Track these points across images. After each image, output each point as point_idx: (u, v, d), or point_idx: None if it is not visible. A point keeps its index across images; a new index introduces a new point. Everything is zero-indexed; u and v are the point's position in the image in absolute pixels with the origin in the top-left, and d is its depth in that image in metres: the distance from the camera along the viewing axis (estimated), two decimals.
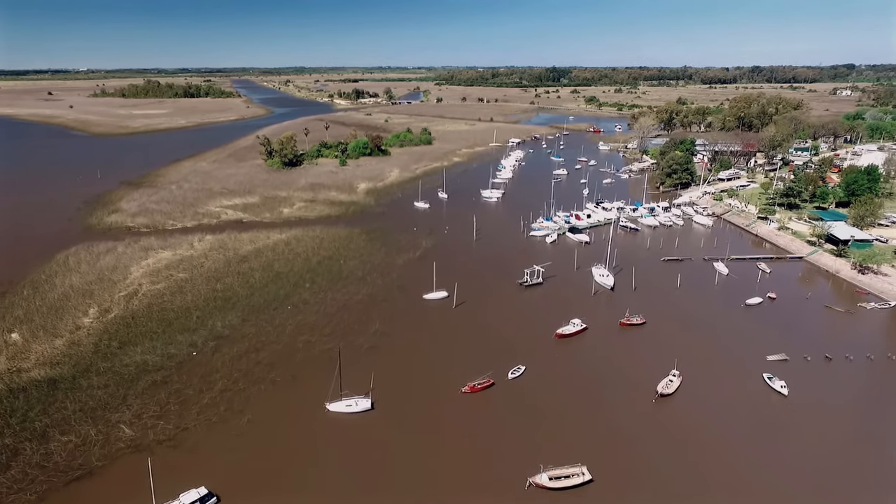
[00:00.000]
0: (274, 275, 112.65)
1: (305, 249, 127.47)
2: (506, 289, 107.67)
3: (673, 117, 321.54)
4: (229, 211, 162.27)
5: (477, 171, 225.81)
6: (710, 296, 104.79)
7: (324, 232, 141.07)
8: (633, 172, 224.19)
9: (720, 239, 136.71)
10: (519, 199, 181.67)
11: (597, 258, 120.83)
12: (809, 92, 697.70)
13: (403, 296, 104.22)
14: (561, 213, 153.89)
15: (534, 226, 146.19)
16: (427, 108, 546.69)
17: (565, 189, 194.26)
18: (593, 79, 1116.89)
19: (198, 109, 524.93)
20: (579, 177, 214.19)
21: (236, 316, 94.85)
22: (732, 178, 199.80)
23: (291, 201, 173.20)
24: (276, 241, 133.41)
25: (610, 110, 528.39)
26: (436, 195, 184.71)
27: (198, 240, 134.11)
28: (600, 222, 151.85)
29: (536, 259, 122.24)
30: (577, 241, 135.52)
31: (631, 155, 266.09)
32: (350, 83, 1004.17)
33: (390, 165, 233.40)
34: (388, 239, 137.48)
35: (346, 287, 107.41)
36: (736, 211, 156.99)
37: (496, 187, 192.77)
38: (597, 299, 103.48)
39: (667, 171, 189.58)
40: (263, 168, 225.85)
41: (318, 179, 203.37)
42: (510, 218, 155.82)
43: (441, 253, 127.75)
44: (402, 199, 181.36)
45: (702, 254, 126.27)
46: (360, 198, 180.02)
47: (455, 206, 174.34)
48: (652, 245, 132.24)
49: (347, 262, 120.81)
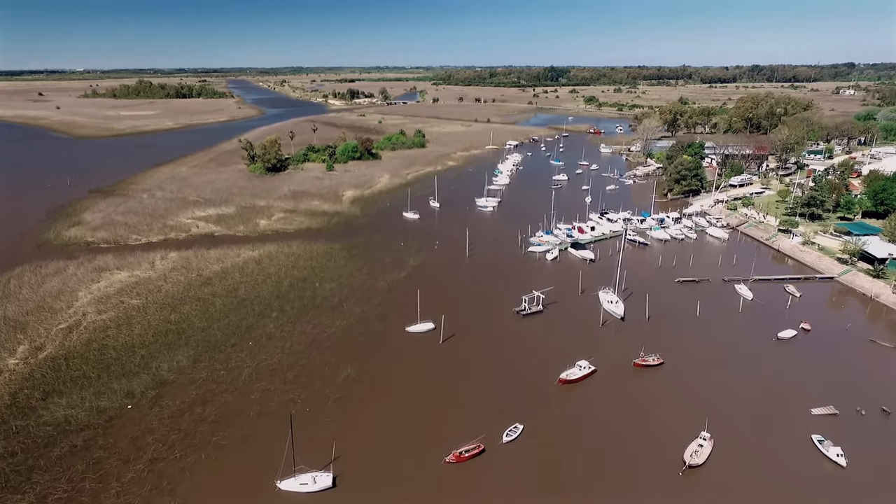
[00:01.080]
0: (238, 302, 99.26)
1: (278, 269, 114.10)
2: (501, 318, 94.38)
3: (677, 118, 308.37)
4: (201, 223, 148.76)
5: (472, 177, 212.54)
6: (736, 327, 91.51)
7: (301, 248, 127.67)
8: (638, 177, 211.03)
9: (738, 255, 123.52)
10: (516, 208, 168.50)
11: (603, 279, 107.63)
12: (812, 91, 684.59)
13: (383, 328, 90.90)
14: (562, 226, 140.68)
15: (532, 240, 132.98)
16: (423, 108, 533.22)
17: (566, 196, 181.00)
18: (592, 78, 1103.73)
19: (188, 110, 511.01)
20: (580, 182, 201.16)
21: (187, 355, 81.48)
22: (745, 184, 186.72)
23: (270, 212, 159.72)
24: (247, 259, 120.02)
25: (610, 110, 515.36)
26: (427, 204, 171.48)
27: (160, 258, 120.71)
28: (605, 235, 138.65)
29: (535, 280, 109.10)
30: (581, 259, 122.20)
31: (634, 158, 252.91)
32: (346, 83, 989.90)
33: (380, 170, 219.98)
34: (372, 256, 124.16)
35: (319, 317, 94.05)
36: (753, 222, 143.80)
37: (492, 195, 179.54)
38: (605, 332, 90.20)
39: (675, 177, 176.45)
40: (245, 174, 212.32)
41: (301, 186, 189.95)
42: (507, 230, 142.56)
43: (429, 273, 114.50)
44: (390, 208, 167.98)
45: (720, 273, 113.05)
46: (345, 207, 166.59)
47: (447, 216, 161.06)
48: (664, 263, 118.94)
49: (323, 284, 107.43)
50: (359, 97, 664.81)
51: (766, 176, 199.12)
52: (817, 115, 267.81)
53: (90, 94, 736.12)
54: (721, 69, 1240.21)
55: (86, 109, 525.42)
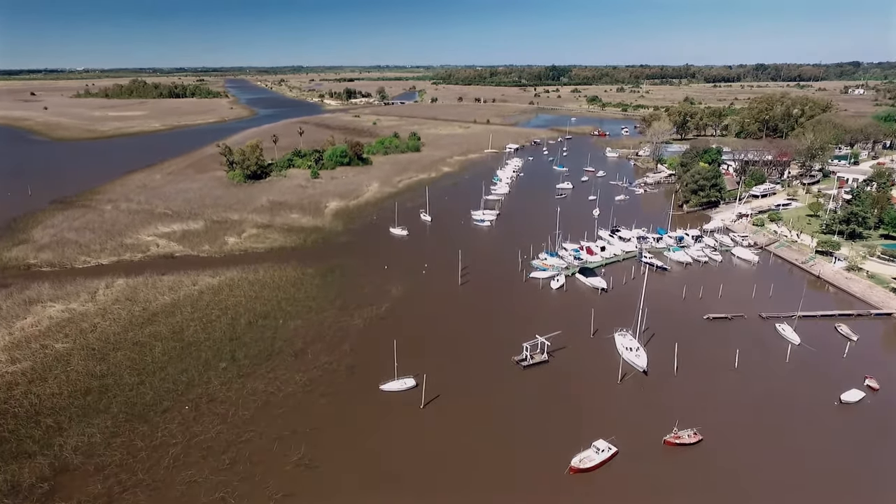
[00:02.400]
0: (182, 347, 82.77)
1: (237, 302, 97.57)
2: (498, 370, 77.79)
3: (687, 120, 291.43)
4: (162, 241, 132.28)
5: (469, 185, 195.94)
6: (785, 385, 74.71)
7: (269, 273, 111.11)
8: (649, 186, 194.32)
9: (773, 283, 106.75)
10: (517, 222, 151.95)
11: (619, 315, 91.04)
12: (820, 91, 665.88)
13: (352, 385, 74.35)
14: (568, 246, 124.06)
15: (535, 263, 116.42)
16: (421, 108, 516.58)
17: (571, 208, 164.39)
18: (594, 77, 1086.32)
19: (178, 111, 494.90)
20: (586, 191, 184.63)
21: (104, 426, 65.03)
22: (767, 195, 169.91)
23: (242, 227, 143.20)
24: (204, 288, 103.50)
25: (614, 111, 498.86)
26: (417, 217, 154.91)
27: (105, 286, 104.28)
28: (617, 257, 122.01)
29: (539, 316, 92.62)
30: (591, 287, 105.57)
31: (643, 163, 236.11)
32: (345, 83, 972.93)
33: (369, 177, 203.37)
34: (349, 283, 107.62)
35: (276, 368, 77.55)
36: (785, 241, 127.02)
37: (490, 206, 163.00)
38: (626, 391, 73.55)
39: (692, 187, 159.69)
40: (223, 182, 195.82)
41: (281, 196, 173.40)
42: (505, 250, 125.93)
43: (414, 307, 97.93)
44: (376, 222, 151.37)
45: (756, 307, 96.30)
46: (326, 222, 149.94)
47: (440, 232, 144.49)
48: (689, 294, 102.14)
49: (287, 322, 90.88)
50: (355, 97, 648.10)
51: (790, 185, 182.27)
52: (837, 117, 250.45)
53: (83, 94, 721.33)
54: (725, 68, 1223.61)
55: (74, 110, 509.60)
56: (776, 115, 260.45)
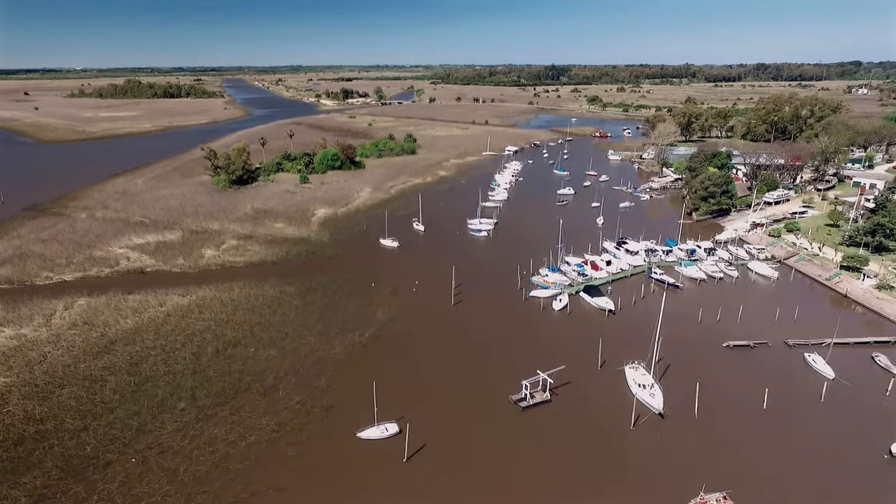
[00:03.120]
0: (138, 383, 73.32)
1: (206, 327, 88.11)
2: (493, 412, 68.37)
3: (691, 121, 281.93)
4: (134, 254, 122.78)
5: (465, 190, 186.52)
6: (823, 431, 65.32)
7: (245, 291, 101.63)
8: (655, 192, 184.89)
9: (797, 303, 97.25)
10: (515, 232, 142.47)
11: (629, 344, 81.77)
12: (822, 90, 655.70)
13: (327, 430, 64.92)
14: (571, 260, 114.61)
15: (535, 280, 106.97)
16: (418, 109, 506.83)
17: (573, 216, 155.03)
18: (594, 77, 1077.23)
19: (171, 111, 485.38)
20: (589, 197, 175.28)
21: (30, 489, 55.67)
22: (781, 201, 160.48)
23: (221, 238, 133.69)
24: (172, 309, 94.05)
25: (615, 111, 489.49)
26: (410, 226, 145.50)
27: (64, 307, 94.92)
28: (625, 272, 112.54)
29: (540, 343, 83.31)
30: (597, 309, 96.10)
31: (648, 167, 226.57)
32: (343, 82, 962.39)
33: (361, 182, 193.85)
34: (332, 304, 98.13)
35: (241, 410, 68.11)
36: (805, 255, 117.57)
37: (487, 214, 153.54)
38: (640, 439, 64.09)
39: (701, 194, 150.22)
40: (207, 187, 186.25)
41: (266, 204, 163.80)
42: (503, 264, 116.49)
43: (401, 333, 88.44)
44: (366, 232, 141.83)
45: (780, 333, 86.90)
46: (313, 232, 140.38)
47: (433, 243, 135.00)
48: (705, 316, 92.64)
49: (259, 352, 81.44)
50: (352, 97, 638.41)
51: (804, 190, 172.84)
52: (848, 119, 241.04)
53: (77, 94, 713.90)
54: (725, 67, 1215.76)
55: (65, 110, 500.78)
56: (785, 117, 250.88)
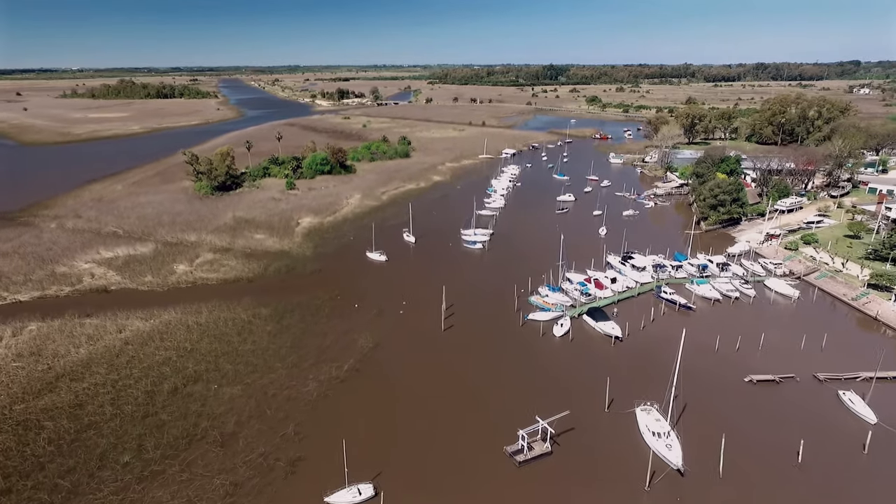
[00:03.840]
0: (78, 430, 64.00)
1: (165, 359, 78.77)
2: (485, 468, 59.08)
3: (695, 123, 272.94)
4: (99, 270, 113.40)
5: (460, 197, 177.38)
6: (870, 491, 56.15)
7: (215, 314, 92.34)
8: (659, 198, 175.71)
9: (823, 327, 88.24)
10: (513, 244, 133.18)
11: (640, 379, 72.73)
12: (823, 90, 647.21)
13: (290, 491, 55.63)
14: (573, 276, 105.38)
15: (533, 300, 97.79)
16: (414, 109, 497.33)
17: (575, 225, 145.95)
18: (592, 77, 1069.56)
19: (162, 112, 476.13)
20: (590, 204, 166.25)
21: None
22: (794, 209, 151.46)
23: (196, 251, 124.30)
24: (131, 336, 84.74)
25: (615, 112, 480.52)
26: (400, 237, 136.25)
27: (12, 333, 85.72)
28: (631, 291, 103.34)
29: (538, 379, 74.18)
30: (603, 335, 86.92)
31: (651, 171, 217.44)
32: (340, 82, 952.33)
33: (351, 188, 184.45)
34: (309, 330, 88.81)
35: (194, 464, 58.78)
36: (827, 271, 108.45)
37: (483, 224, 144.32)
38: (657, 501, 54.83)
39: (710, 202, 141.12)
40: (188, 194, 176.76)
41: (249, 212, 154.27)
42: (499, 281, 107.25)
43: (383, 365, 79.17)
44: (353, 244, 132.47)
45: (807, 364, 77.82)
46: (295, 244, 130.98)
47: (424, 257, 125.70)
48: (723, 345, 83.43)
49: (223, 389, 72.14)
50: (348, 97, 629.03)
51: (816, 197, 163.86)
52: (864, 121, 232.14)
53: (69, 94, 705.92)
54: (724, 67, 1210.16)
55: (54, 111, 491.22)
56: (792, 118, 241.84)
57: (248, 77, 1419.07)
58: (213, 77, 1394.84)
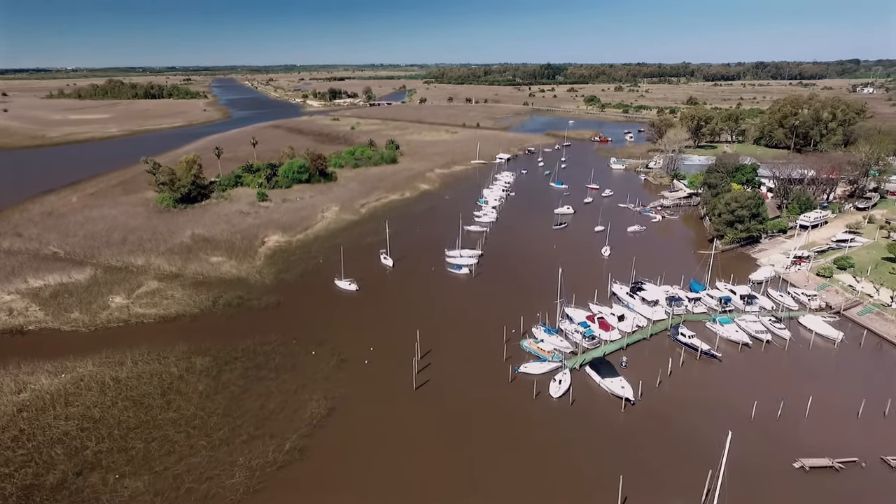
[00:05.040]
0: None
1: (64, 433, 62.60)
2: None
3: (701, 125, 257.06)
4: (21, 304, 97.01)
5: (449, 209, 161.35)
6: None
7: (140, 366, 76.17)
8: (667, 210, 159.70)
9: (884, 386, 72.32)
10: (504, 268, 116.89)
11: (662, 462, 56.61)
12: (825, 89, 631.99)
13: None
14: (573, 313, 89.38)
15: (526, 345, 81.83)
16: (407, 110, 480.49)
17: (574, 244, 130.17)
18: (590, 76, 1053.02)
19: (147, 114, 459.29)
20: (591, 217, 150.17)
21: None
22: (819, 225, 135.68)
23: (140, 278, 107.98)
24: (31, 399, 68.55)
25: (614, 112, 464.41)
26: (376, 259, 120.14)
27: None
28: (643, 331, 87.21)
29: (530, 465, 58.08)
30: (610, 395, 70.83)
31: (656, 178, 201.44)
32: (336, 82, 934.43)
33: (329, 199, 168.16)
34: (252, 388, 72.61)
35: None
36: (872, 305, 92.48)
37: (471, 242, 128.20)
38: None
39: (727, 217, 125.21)
40: (148, 207, 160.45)
41: (210, 229, 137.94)
42: (486, 317, 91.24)
43: (335, 444, 62.94)
44: (321, 268, 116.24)
45: (870, 440, 61.95)
46: (255, 269, 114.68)
47: (401, 284, 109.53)
48: (760, 413, 67.11)
49: (123, 482, 55.92)
50: (340, 97, 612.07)
51: (841, 209, 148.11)
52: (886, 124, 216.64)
53: (56, 95, 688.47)
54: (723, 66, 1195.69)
55: (35, 113, 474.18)
56: (806, 121, 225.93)
57: (244, 77, 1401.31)
58: (208, 77, 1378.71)
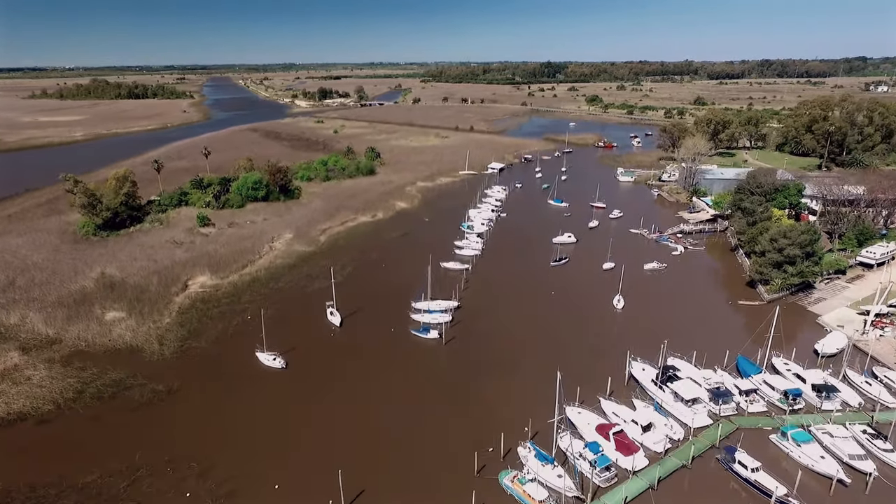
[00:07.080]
0: None
1: None
2: None
3: (719, 130, 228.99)
4: None
5: (425, 235, 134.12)
6: None
7: None
8: (690, 239, 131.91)
9: None
10: (485, 330, 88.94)
11: None
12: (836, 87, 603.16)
13: None
14: (577, 419, 61.96)
15: (507, 483, 54.42)
16: (398, 111, 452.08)
17: (577, 288, 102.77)
18: (591, 74, 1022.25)
19: (124, 115, 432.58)
20: (598, 248, 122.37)
21: None
22: (885, 262, 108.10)
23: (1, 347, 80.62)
24: None
25: (618, 113, 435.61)
26: (322, 313, 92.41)
27: None
28: (680, 454, 59.52)
29: None
30: None
31: (672, 194, 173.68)
32: (332, 80, 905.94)
33: (283, 223, 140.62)
34: None
35: None
36: None
37: (447, 286, 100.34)
38: None
39: (773, 257, 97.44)
40: (65, 234, 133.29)
41: (125, 268, 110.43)
42: (454, 429, 63.82)
43: None
44: (244, 328, 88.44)
45: None
46: (159, 331, 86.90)
47: (346, 356, 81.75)
48: None
49: None
50: (331, 97, 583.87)
51: None
52: None
53: (38, 95, 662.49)
54: (727, 64, 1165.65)
55: (5, 114, 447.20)
56: (842, 126, 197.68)
57: (239, 76, 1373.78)
58: (203, 75, 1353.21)
